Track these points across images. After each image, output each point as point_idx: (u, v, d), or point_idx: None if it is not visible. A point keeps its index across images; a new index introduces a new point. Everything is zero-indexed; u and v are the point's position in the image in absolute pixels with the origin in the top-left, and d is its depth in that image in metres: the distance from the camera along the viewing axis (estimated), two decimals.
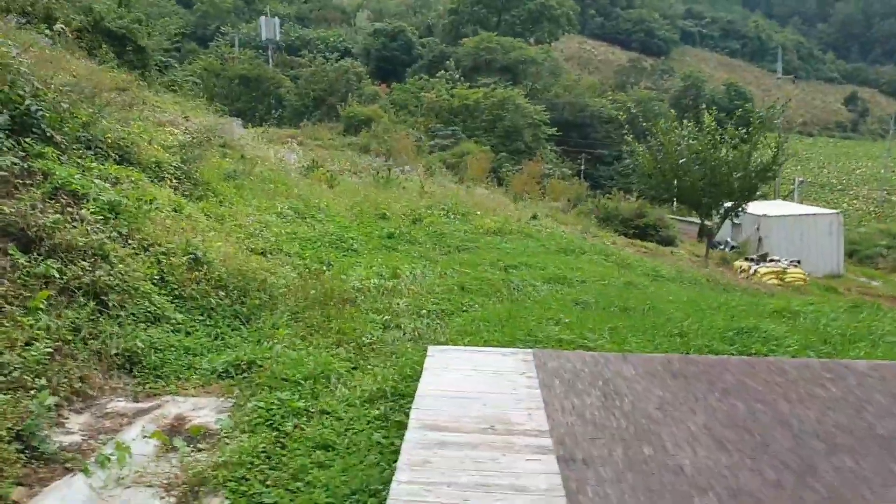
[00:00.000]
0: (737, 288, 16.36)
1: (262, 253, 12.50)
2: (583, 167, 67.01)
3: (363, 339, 8.57)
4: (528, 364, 6.46)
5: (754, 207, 32.27)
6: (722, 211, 25.88)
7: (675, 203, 62.54)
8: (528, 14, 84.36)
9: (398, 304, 10.23)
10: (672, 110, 46.66)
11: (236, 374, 7.42)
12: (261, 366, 7.46)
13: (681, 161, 24.53)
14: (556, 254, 15.97)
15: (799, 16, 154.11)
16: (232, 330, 8.85)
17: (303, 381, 6.94)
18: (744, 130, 24.56)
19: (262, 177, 18.96)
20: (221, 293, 9.36)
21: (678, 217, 48.35)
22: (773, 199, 43.86)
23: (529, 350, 6.99)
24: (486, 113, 57.11)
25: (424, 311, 9.80)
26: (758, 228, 38.13)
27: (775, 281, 24.83)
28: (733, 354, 7.83)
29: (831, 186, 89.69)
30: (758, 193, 25.42)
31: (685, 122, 26.03)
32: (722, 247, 42.02)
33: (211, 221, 12.73)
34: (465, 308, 10.10)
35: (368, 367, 7.68)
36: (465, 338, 8.31)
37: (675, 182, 25.44)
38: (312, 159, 27.71)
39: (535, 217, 20.46)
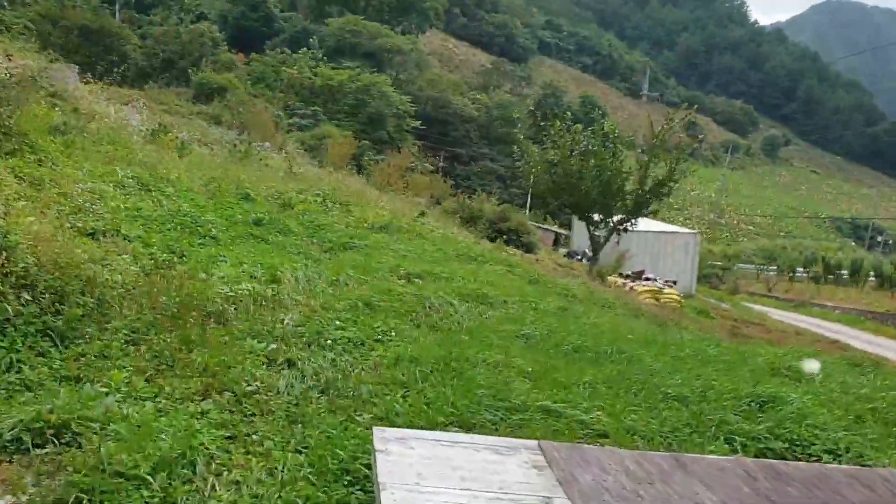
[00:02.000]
0: (660, 318, 14.52)
1: (91, 234, 9.18)
2: (441, 164, 65.22)
3: (242, 383, 5.67)
4: (546, 476, 3.88)
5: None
6: (610, 225, 24.30)
7: (532, 211, 62.03)
8: (398, 2, 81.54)
9: (286, 323, 7.36)
10: (537, 113, 45.73)
11: (35, 446, 4.39)
12: (77, 433, 4.46)
13: (579, 168, 22.70)
14: (457, 261, 13.47)
15: (647, 41, 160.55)
16: (37, 356, 5.70)
17: (150, 476, 4.02)
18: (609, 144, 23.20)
19: (100, 136, 15.25)
20: (26, 295, 6.15)
21: (537, 223, 47.40)
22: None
23: (533, 443, 4.42)
24: (351, 97, 53.90)
25: (326, 338, 6.98)
26: (617, 242, 37.47)
27: (651, 300, 23.58)
28: (766, 436, 5.63)
29: (669, 205, 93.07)
30: (649, 210, 24.14)
31: (579, 125, 24.31)
32: (579, 257, 41.25)
33: (23, 187, 9.29)
34: (379, 336, 7.36)
35: (255, 441, 4.83)
36: (402, 394, 5.61)
37: (567, 190, 23.63)
38: (159, 123, 23.74)
39: (422, 214, 17.88)
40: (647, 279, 27.07)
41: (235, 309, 7.65)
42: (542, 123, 24.95)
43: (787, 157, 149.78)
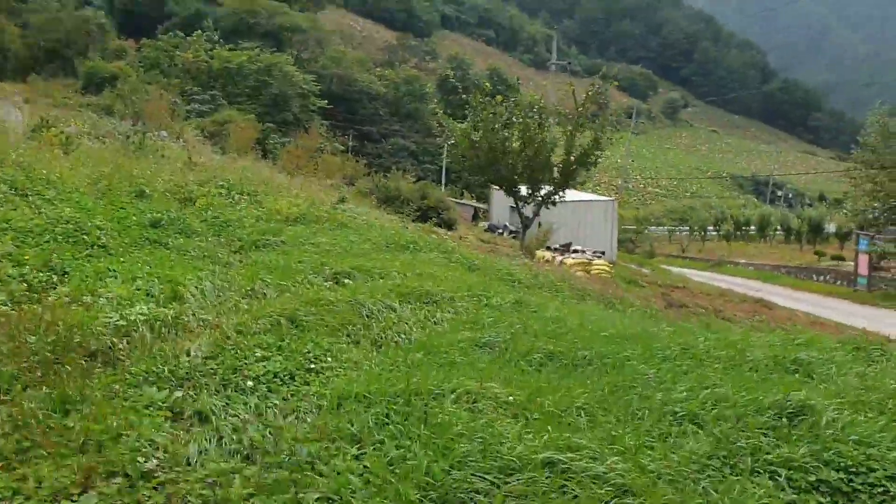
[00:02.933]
0: (605, 297, 13.43)
1: None
2: (351, 143, 63.20)
3: (138, 459, 4.16)
4: None
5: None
6: (539, 197, 23.10)
7: (447, 186, 60.86)
8: None
9: (192, 356, 5.81)
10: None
11: None
12: None
13: (504, 140, 21.43)
14: (388, 251, 12.02)
15: (547, 10, 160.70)
16: None
17: None
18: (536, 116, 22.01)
19: None
20: None
21: (454, 199, 46.16)
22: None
23: None
24: (251, 79, 51.31)
25: (246, 374, 5.48)
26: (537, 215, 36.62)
27: (581, 273, 22.70)
28: (813, 464, 4.47)
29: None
30: (576, 180, 23.07)
31: (500, 96, 22.99)
32: (500, 231, 40.26)
33: None
34: (312, 364, 5.89)
35: None
36: (354, 454, 4.20)
37: (492, 164, 22.32)
38: (41, 117, 21.27)
39: (343, 200, 16.25)
40: (576, 251, 26.22)
41: (128, 342, 6.04)
42: (462, 97, 23.52)
43: (687, 118, 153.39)
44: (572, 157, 21.85)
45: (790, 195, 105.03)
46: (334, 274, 9.48)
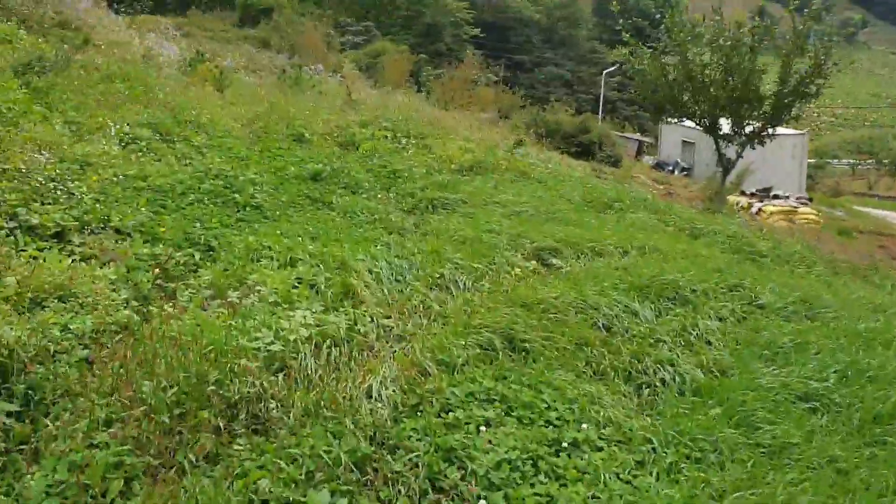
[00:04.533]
0: (860, 270, 10.56)
1: (57, 236, 5.74)
2: (503, 74, 60.26)
3: None
4: None
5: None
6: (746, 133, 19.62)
7: (604, 118, 57.10)
8: None
9: (379, 415, 3.81)
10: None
11: None
12: None
13: (705, 67, 18.18)
14: (589, 211, 9.66)
15: None
16: None
17: None
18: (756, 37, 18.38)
19: (106, 73, 11.69)
20: None
21: (618, 133, 42.64)
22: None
23: None
24: (403, 8, 49.23)
25: (466, 461, 3.41)
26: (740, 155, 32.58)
27: (784, 223, 19.44)
28: None
29: None
30: (791, 115, 19.51)
31: (697, 15, 19.66)
32: (670, 168, 36.65)
33: None
34: (558, 431, 3.74)
35: None
36: None
37: (689, 96, 19.13)
38: (197, 51, 20.06)
39: (520, 144, 13.86)
40: (775, 197, 22.71)
41: (284, 379, 4.11)
42: (620, 21, 20.26)
43: (864, 40, 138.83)
44: (787, 88, 18.28)
45: None
46: (537, 250, 7.29)
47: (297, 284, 5.63)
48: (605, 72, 59.18)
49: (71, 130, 8.09)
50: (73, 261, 5.42)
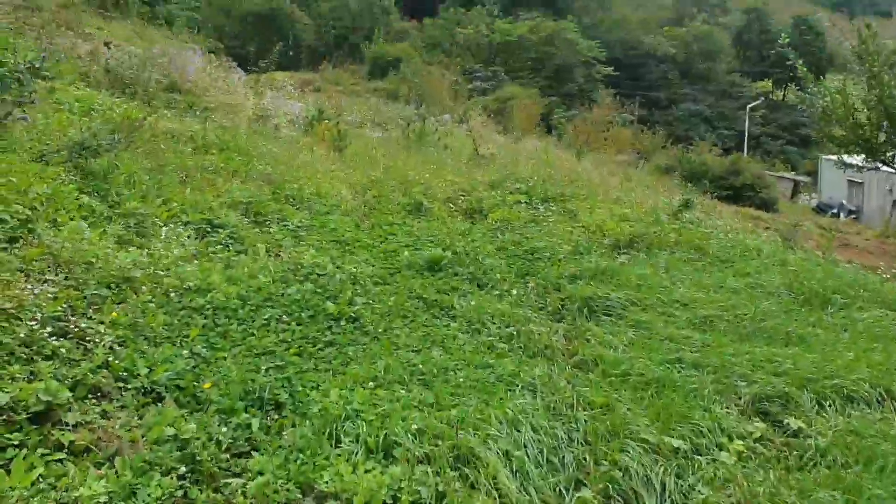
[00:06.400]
0: None
1: (37, 419, 3.79)
2: (637, 112, 57.08)
3: None
4: None
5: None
6: None
7: (748, 154, 52.77)
8: None
9: None
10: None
11: None
12: None
13: None
14: (806, 313, 6.96)
15: None
16: None
17: None
18: None
19: (202, 142, 10.10)
20: None
21: (770, 172, 38.54)
22: None
23: None
24: (532, 50, 47.34)
25: None
26: (891, 189, 28.32)
27: None
28: None
29: None
30: None
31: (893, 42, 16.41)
32: (834, 211, 32.41)
33: None
34: None
35: None
36: None
37: (886, 136, 15.91)
38: (319, 109, 18.62)
39: (688, 205, 11.21)
40: None
41: None
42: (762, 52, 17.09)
43: None
44: None
45: None
46: (757, 398, 4.77)
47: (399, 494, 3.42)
48: (748, 106, 55.02)
49: (127, 227, 6.30)
50: (56, 462, 3.46)
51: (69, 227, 5.35)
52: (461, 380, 4.91)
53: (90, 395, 4.02)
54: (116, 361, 4.30)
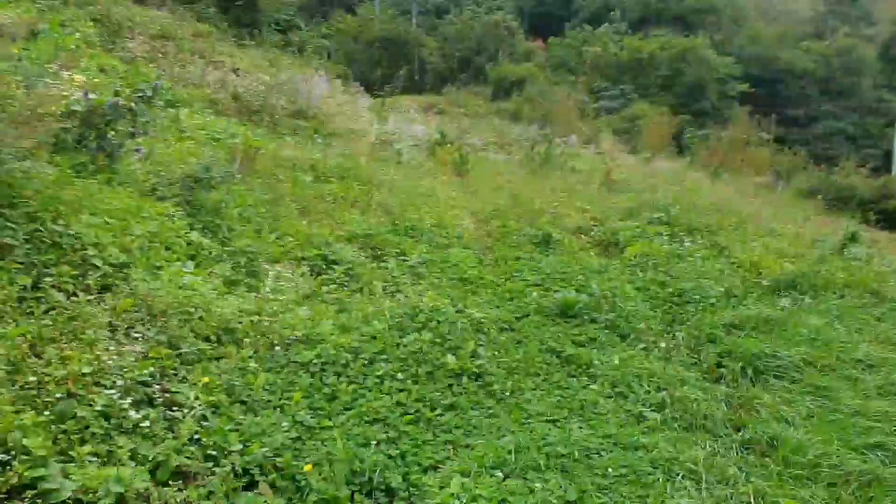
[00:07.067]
0: None
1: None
2: (774, 130, 53.86)
3: None
4: None
5: None
6: None
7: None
8: None
9: None
10: None
11: None
12: None
13: None
14: None
15: None
16: None
17: None
18: None
19: (322, 171, 9.65)
20: None
21: None
22: None
23: None
24: (663, 67, 45.54)
25: None
26: None
27: None
28: None
29: None
30: None
31: None
32: None
33: None
34: None
35: None
36: None
37: None
38: (441, 132, 18.08)
39: (855, 238, 9.86)
40: None
41: None
42: None
43: None
44: None
45: None
46: None
47: None
48: None
49: (236, 266, 5.80)
50: None
51: (169, 272, 4.87)
52: (608, 466, 4.02)
53: (172, 480, 3.41)
54: (206, 436, 3.69)
